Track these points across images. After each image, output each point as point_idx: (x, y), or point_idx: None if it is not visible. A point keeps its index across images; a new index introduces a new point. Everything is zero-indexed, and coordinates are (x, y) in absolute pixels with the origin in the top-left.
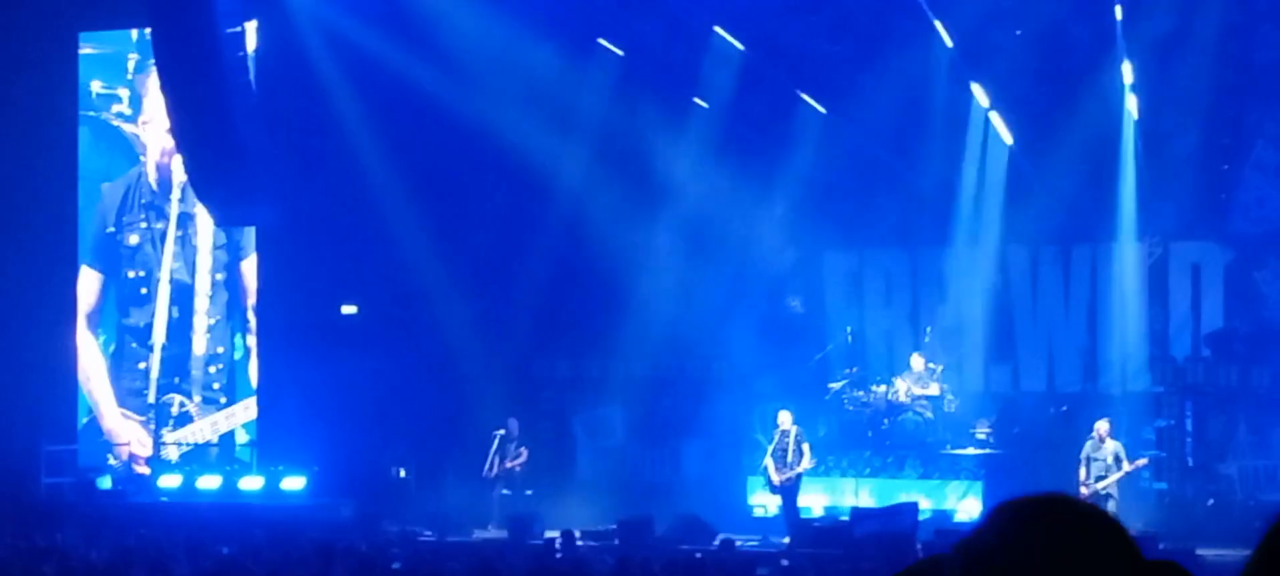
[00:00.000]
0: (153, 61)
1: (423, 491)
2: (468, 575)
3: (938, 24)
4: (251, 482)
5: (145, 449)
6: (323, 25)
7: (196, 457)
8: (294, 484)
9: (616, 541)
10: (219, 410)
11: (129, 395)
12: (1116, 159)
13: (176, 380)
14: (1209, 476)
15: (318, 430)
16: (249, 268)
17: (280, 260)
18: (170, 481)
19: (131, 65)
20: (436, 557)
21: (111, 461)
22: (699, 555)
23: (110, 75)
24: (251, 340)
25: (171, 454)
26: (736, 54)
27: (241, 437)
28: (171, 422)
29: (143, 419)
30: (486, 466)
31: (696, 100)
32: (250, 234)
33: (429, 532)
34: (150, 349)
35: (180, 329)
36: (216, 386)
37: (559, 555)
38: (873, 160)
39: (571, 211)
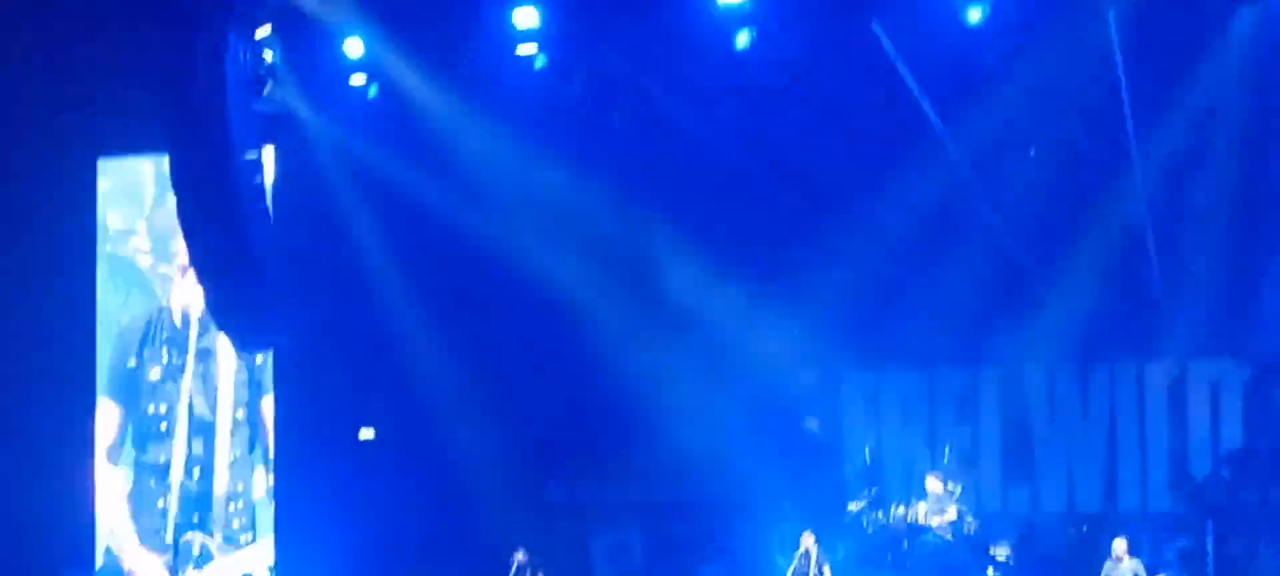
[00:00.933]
0: (170, 194)
1: None
2: None
3: (952, 144)
4: None
5: None
6: (339, 149)
7: None
8: None
9: None
10: (240, 549)
11: (147, 534)
12: (1133, 277)
13: (196, 518)
14: None
15: (336, 554)
16: (268, 405)
17: (298, 385)
18: None
19: (149, 199)
20: None
21: None
22: None
23: (127, 208)
24: (271, 478)
25: None
26: (753, 173)
27: None
28: (192, 563)
29: (163, 558)
30: None
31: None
32: (269, 371)
33: None
34: (169, 486)
35: (201, 466)
36: (237, 524)
37: None
38: (889, 279)
39: (587, 333)
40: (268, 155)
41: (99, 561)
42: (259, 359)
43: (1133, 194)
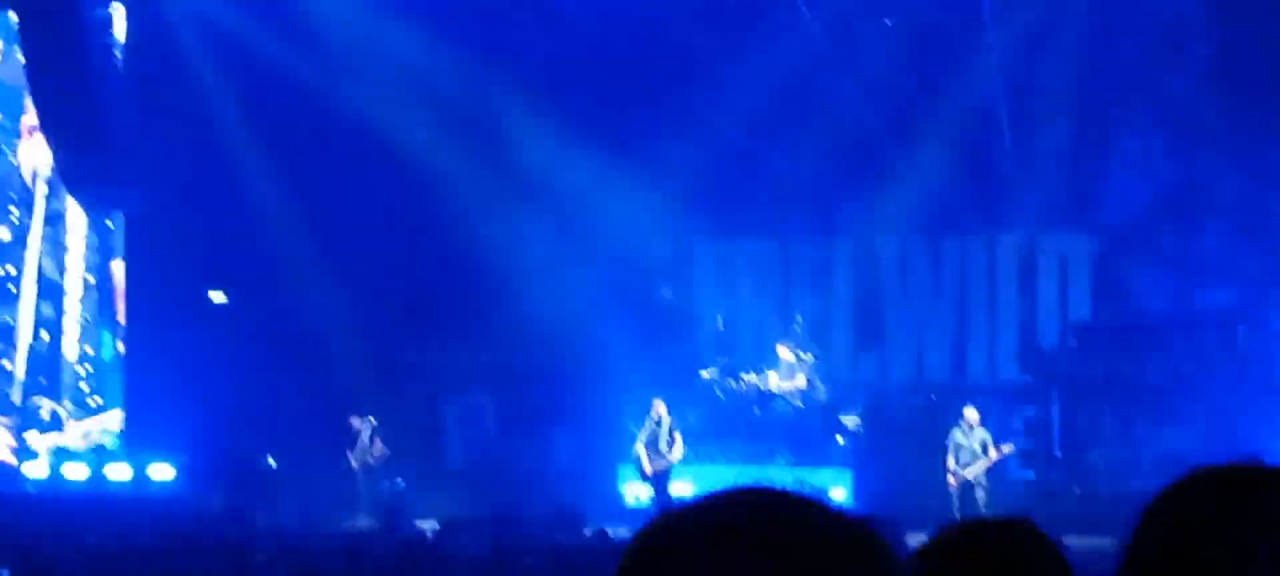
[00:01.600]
0: (18, 48)
1: (292, 481)
2: (337, 565)
3: (807, 12)
4: (119, 472)
5: (8, 455)
6: (190, 9)
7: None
8: (163, 473)
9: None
10: (89, 415)
11: None
12: (984, 150)
13: (44, 381)
14: (1075, 465)
15: (186, 419)
16: (119, 268)
17: (149, 248)
18: (36, 470)
19: None
20: (305, 547)
21: None
22: (572, 544)
23: None
24: (121, 345)
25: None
26: (608, 42)
27: (111, 444)
28: (41, 427)
29: (9, 422)
30: (348, 459)
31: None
32: (120, 233)
33: (298, 522)
34: (15, 348)
35: (50, 329)
36: (86, 388)
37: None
38: (744, 150)
39: (442, 198)
40: (118, 14)
41: None
42: (109, 222)
43: (986, 67)
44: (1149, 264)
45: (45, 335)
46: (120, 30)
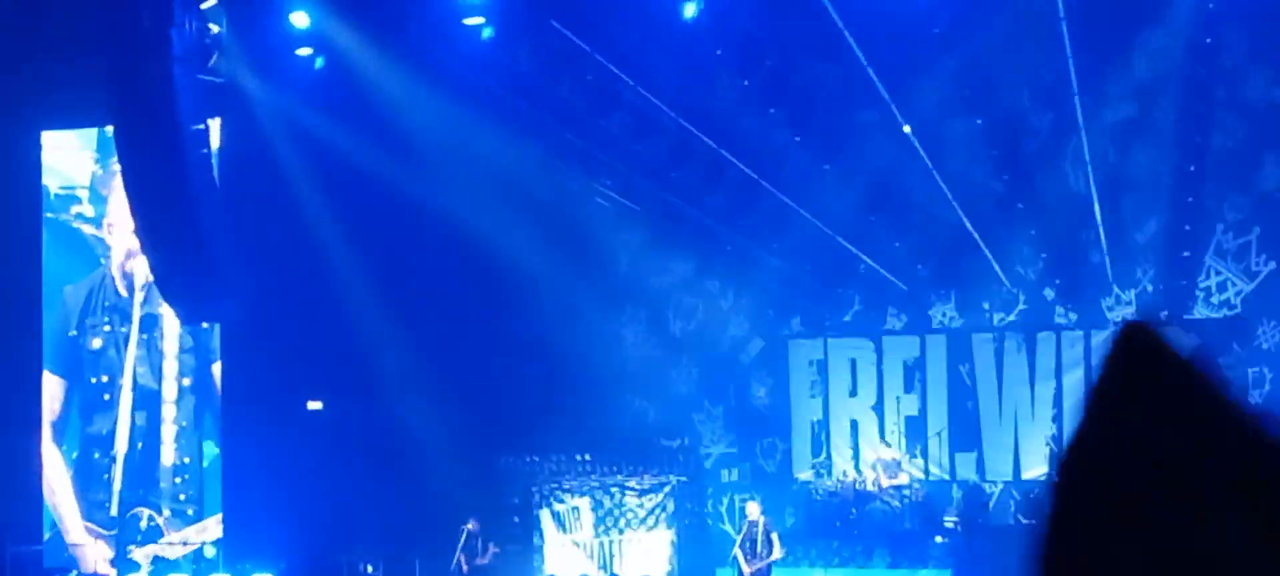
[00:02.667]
0: (114, 161)
1: None
2: None
3: (898, 114)
4: None
5: (108, 568)
6: (286, 121)
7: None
8: None
9: None
10: (188, 524)
11: (93, 507)
12: (1078, 246)
13: (143, 492)
14: None
15: (285, 526)
16: (218, 372)
17: (246, 357)
18: None
19: (92, 165)
20: None
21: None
22: None
23: (69, 176)
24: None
25: (140, 562)
26: (700, 145)
27: (210, 553)
28: (139, 537)
29: (109, 533)
30: (454, 562)
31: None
32: (218, 338)
33: None
34: (113, 458)
35: (147, 437)
36: (184, 497)
37: None
38: (837, 250)
39: (536, 303)
40: (214, 127)
41: (46, 535)
42: (205, 324)
43: (1079, 163)
44: (1249, 357)
45: (141, 444)
46: (216, 142)
